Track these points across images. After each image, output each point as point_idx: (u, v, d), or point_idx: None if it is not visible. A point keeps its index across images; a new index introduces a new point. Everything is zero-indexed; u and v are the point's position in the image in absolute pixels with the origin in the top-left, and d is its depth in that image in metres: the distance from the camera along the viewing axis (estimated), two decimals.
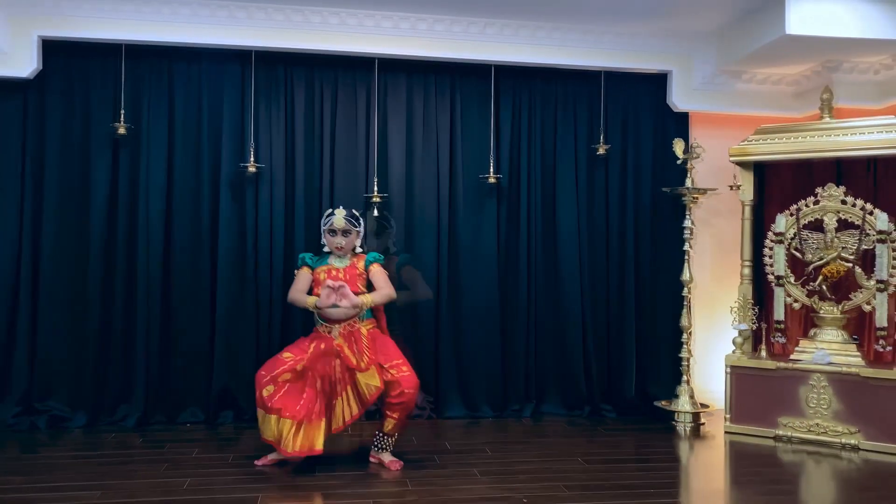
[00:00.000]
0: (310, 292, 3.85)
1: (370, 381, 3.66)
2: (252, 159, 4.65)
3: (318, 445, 3.59)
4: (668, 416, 4.88)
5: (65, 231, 4.54)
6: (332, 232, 3.82)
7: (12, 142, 4.48)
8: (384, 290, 3.85)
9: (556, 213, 5.05)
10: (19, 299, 4.47)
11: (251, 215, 4.70)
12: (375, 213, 4.63)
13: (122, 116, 4.52)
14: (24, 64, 4.36)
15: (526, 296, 5.00)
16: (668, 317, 5.09)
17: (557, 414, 4.99)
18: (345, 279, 3.75)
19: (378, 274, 3.87)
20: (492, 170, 4.93)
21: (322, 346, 3.69)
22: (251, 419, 4.61)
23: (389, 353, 3.75)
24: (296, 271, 3.96)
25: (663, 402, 4.96)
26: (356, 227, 3.86)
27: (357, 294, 3.74)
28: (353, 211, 3.91)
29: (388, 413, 3.72)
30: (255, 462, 3.74)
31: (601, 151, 5.02)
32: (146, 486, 3.41)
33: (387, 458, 3.79)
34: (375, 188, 4.79)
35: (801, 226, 4.62)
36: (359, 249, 3.93)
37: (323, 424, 3.62)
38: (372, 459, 3.83)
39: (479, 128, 4.99)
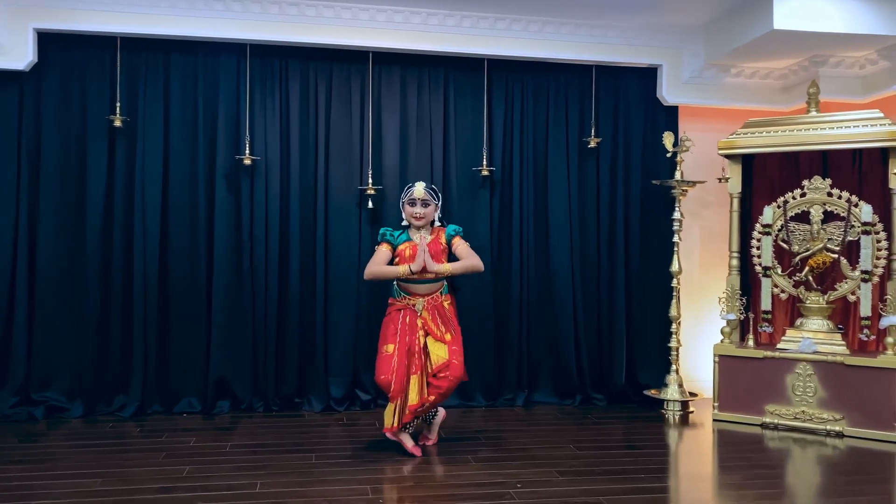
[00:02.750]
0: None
1: (440, 353, 3.76)
2: (247, 151, 4.68)
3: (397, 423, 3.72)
4: (657, 405, 4.98)
5: (61, 222, 4.57)
6: (412, 202, 3.86)
7: (8, 134, 4.50)
8: (468, 259, 3.87)
9: (548, 204, 5.12)
10: (16, 290, 4.50)
11: (247, 207, 4.74)
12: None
13: (118, 109, 4.55)
14: (20, 56, 4.38)
15: (518, 286, 5.07)
16: (658, 307, 5.18)
17: (549, 402, 5.08)
18: (430, 254, 3.79)
19: (461, 245, 3.92)
20: (485, 162, 4.99)
21: (408, 318, 3.79)
22: (247, 408, 4.72)
23: (456, 339, 3.85)
24: (375, 247, 3.96)
25: (653, 391, 5.05)
26: (435, 200, 3.90)
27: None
28: (433, 186, 4.00)
29: (433, 383, 3.78)
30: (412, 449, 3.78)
31: (592, 144, 5.09)
32: (146, 474, 3.46)
33: (409, 441, 3.81)
34: (370, 180, 4.85)
35: (787, 217, 4.71)
36: (437, 223, 3.97)
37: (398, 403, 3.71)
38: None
39: (472, 120, 5.05)
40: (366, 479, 3.44)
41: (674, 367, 5.02)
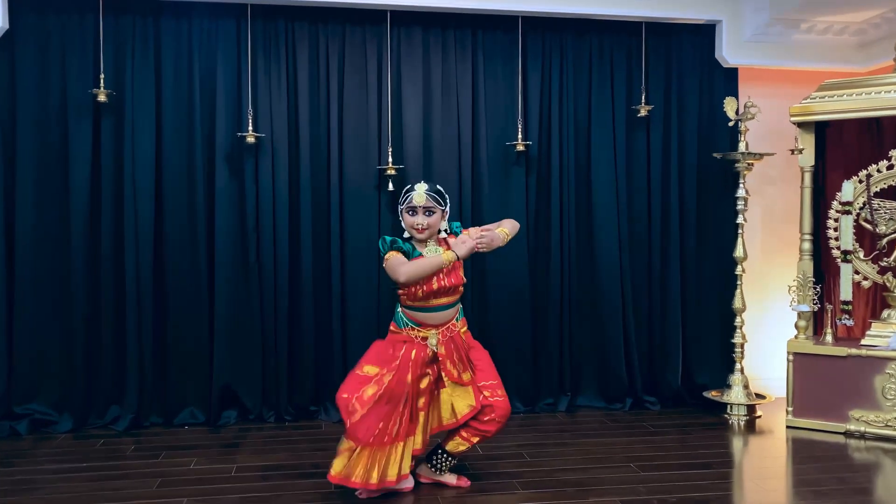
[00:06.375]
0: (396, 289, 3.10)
1: (465, 400, 3.04)
2: (251, 128, 4.11)
3: (392, 476, 2.96)
4: (718, 408, 4.40)
5: (42, 212, 4.03)
6: (412, 210, 3.05)
7: None
8: (506, 222, 3.16)
9: (592, 182, 4.51)
10: None
11: (251, 192, 4.18)
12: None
13: (103, 81, 3.97)
14: None
15: (559, 276, 4.48)
16: (717, 297, 4.59)
17: (595, 407, 4.51)
18: (446, 272, 3.02)
19: (475, 230, 3.16)
20: (519, 136, 4.39)
21: (413, 353, 3.02)
22: (257, 419, 4.20)
23: (485, 369, 3.12)
24: (387, 255, 3.04)
25: (713, 393, 4.47)
26: (441, 205, 3.08)
27: (460, 285, 3.09)
28: (438, 187, 3.14)
29: (465, 435, 3.09)
30: (358, 493, 3.03)
31: (642, 113, 4.46)
32: None
33: (451, 478, 3.19)
34: (390, 159, 4.26)
35: (871, 194, 4.09)
36: (444, 234, 3.13)
37: (401, 449, 2.98)
38: (423, 480, 3.20)
39: (505, 88, 4.43)
40: None
41: (738, 365, 4.43)
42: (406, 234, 3.11)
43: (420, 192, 3.03)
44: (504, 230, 3.08)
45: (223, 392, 4.17)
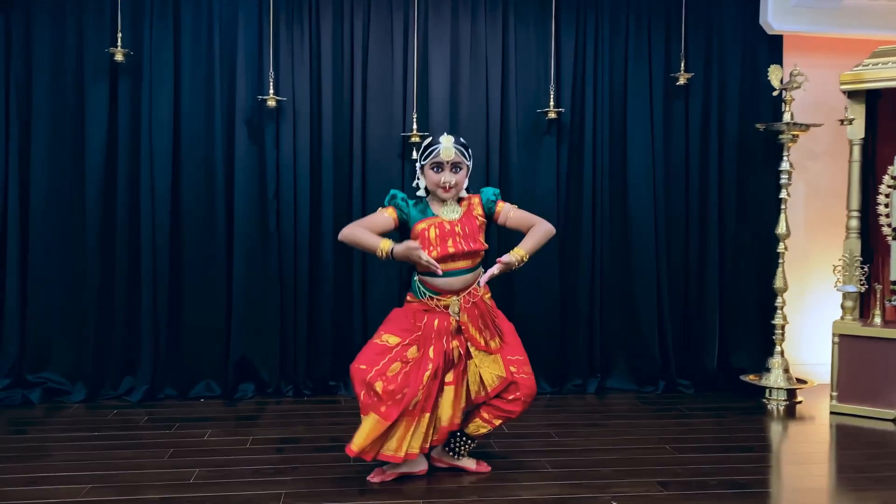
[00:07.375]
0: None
1: (493, 370, 2.77)
2: (272, 91, 3.95)
3: (415, 448, 2.74)
4: (755, 393, 4.19)
5: (57, 176, 3.92)
6: (438, 166, 2.78)
7: None
8: (539, 226, 2.83)
9: (627, 153, 4.30)
10: (6, 256, 3.87)
11: (272, 157, 4.02)
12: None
13: (120, 40, 3.83)
14: None
15: (590, 252, 4.28)
16: (757, 276, 4.37)
17: (626, 389, 4.31)
18: (464, 235, 2.77)
19: (513, 211, 2.85)
20: (551, 103, 4.18)
21: (436, 322, 2.77)
22: (274, 393, 4.07)
23: (511, 343, 2.86)
24: (380, 208, 2.89)
25: (751, 377, 4.25)
26: (467, 159, 2.84)
27: (480, 251, 2.81)
28: (462, 140, 2.90)
29: (486, 416, 2.83)
30: (369, 478, 2.82)
31: (681, 81, 4.23)
32: (143, 479, 2.81)
33: (469, 462, 2.93)
34: (415, 125, 4.08)
35: None
36: (463, 193, 2.89)
37: (425, 421, 2.73)
38: (439, 464, 2.93)
39: (537, 53, 4.23)
40: (417, 490, 2.73)
41: (778, 348, 4.20)
42: (421, 192, 2.87)
43: (448, 146, 2.77)
44: (523, 250, 2.77)
45: (240, 365, 4.03)
